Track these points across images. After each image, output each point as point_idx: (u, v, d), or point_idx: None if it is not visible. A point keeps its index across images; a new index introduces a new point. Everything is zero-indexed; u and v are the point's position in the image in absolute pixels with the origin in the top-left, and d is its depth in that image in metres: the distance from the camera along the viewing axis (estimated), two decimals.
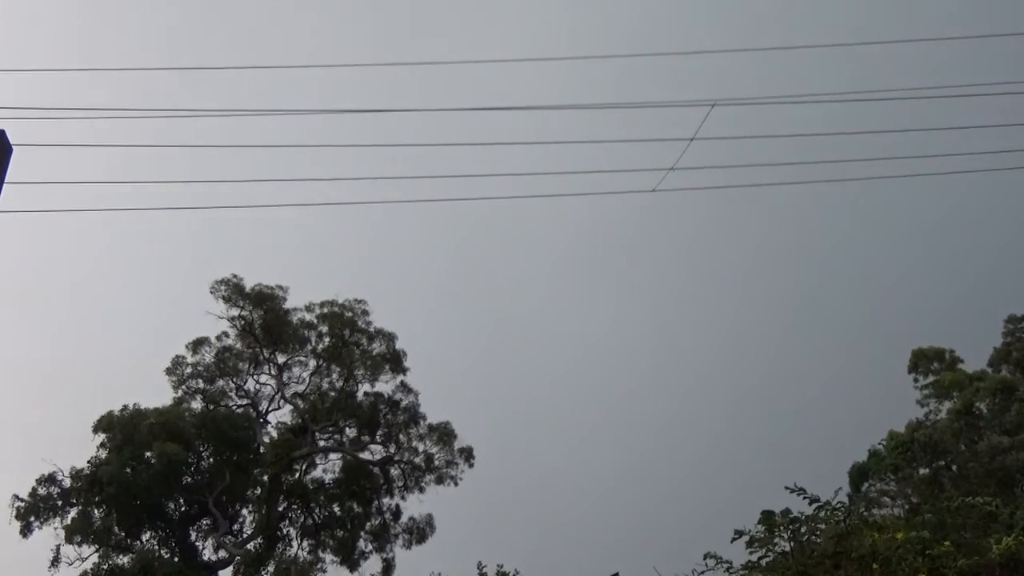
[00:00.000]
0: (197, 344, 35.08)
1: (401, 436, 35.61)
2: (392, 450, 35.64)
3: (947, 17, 59.28)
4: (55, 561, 30.55)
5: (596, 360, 73.42)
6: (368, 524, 35.26)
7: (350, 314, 35.72)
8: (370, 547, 35.01)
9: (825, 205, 73.47)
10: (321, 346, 35.84)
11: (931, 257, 73.77)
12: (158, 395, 34.46)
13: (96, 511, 31.46)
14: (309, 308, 35.86)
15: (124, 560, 31.08)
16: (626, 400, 68.22)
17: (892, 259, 75.67)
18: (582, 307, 76.49)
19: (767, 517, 12.82)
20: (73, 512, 31.40)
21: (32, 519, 30.86)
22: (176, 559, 31.83)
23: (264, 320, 34.98)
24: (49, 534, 31.04)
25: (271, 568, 32.15)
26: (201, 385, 35.21)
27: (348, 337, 35.58)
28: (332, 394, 35.86)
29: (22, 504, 30.95)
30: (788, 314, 74.44)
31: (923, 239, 74.12)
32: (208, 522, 33.82)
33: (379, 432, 35.68)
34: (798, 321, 74.07)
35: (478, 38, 73.83)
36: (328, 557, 34.63)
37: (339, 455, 35.89)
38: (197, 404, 35.01)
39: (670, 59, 15.85)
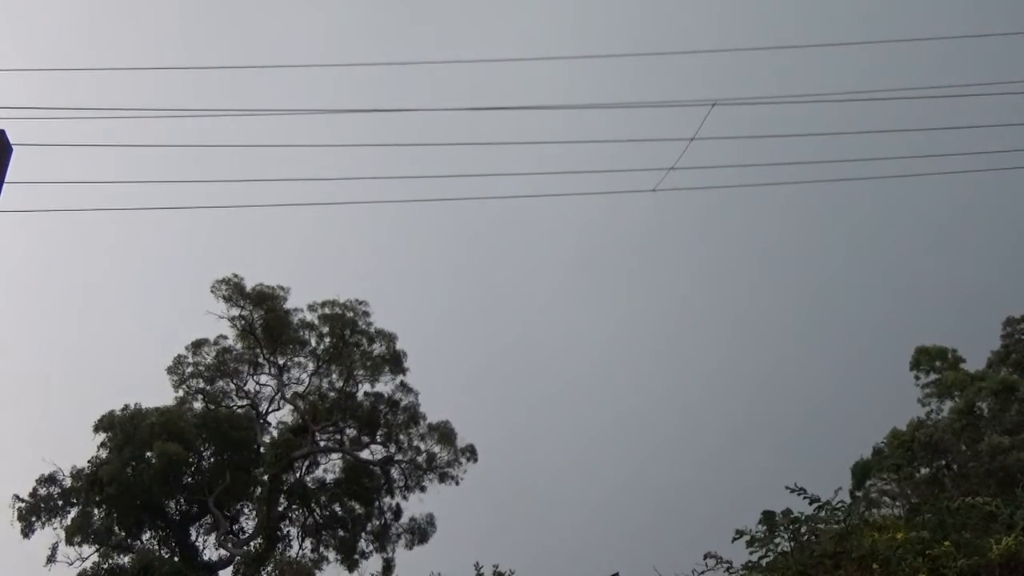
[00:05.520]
0: (197, 345, 35.09)
1: (401, 436, 35.65)
2: (392, 450, 35.68)
3: (948, 17, 59.27)
4: (51, 558, 30.56)
5: (602, 361, 73.43)
6: (369, 524, 35.31)
7: (351, 314, 35.72)
8: (371, 547, 35.09)
9: (828, 205, 73.46)
10: (321, 346, 35.84)
11: (934, 257, 73.76)
12: (159, 395, 34.54)
13: (96, 511, 31.48)
14: (310, 308, 35.90)
15: (124, 560, 31.10)
16: (632, 401, 68.29)
17: (895, 259, 75.69)
18: (588, 308, 76.52)
19: (767, 517, 12.82)
20: (73, 512, 31.42)
21: (33, 519, 30.88)
22: (176, 559, 31.85)
23: (264, 320, 34.98)
24: (50, 534, 31.11)
25: (271, 568, 32.14)
26: (201, 385, 35.25)
27: (348, 337, 35.58)
28: (332, 394, 35.87)
29: (23, 504, 30.97)
30: (793, 314, 74.49)
31: (926, 239, 74.16)
32: (209, 522, 33.84)
33: (379, 432, 35.71)
34: (802, 321, 74.10)
35: (479, 38, 73.83)
36: (331, 555, 34.73)
37: (339, 455, 35.93)
38: (198, 404, 35.05)
39: (670, 59, 15.84)
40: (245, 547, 32.86)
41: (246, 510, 35.10)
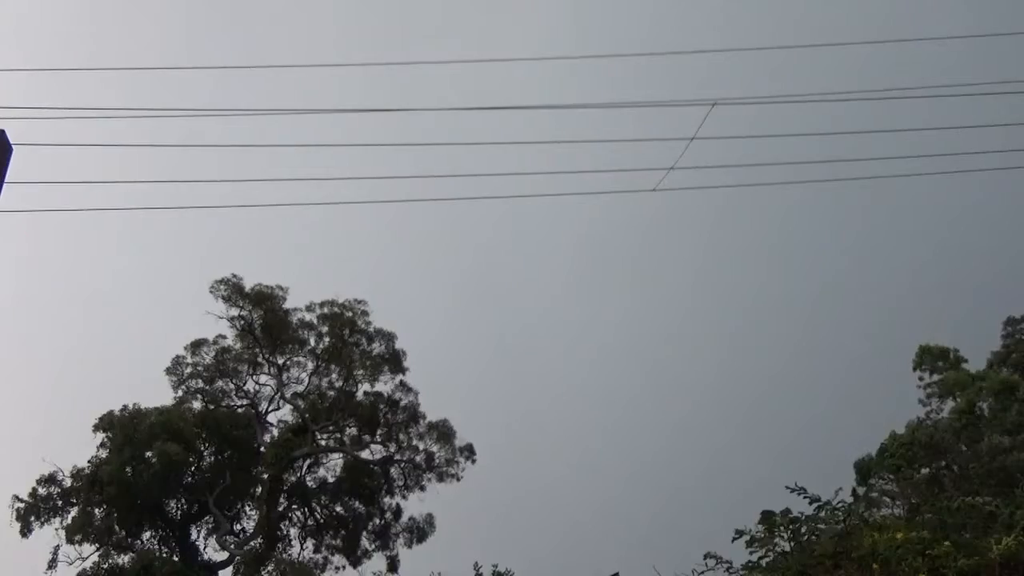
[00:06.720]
0: (196, 345, 35.08)
1: (401, 435, 35.66)
2: (392, 449, 35.69)
3: (948, 16, 59.28)
4: (53, 562, 30.59)
5: (603, 361, 73.41)
6: (370, 523, 35.35)
7: (350, 314, 35.73)
8: (373, 546, 35.14)
9: (829, 206, 73.50)
10: (321, 346, 35.85)
11: (934, 257, 73.74)
12: (159, 395, 34.53)
13: (96, 511, 31.49)
14: (309, 308, 35.90)
15: (124, 560, 31.12)
16: (634, 401, 68.26)
17: (896, 259, 75.70)
18: (589, 308, 76.47)
19: (767, 517, 12.81)
20: (73, 512, 31.44)
21: (32, 519, 30.90)
22: (176, 558, 31.86)
23: (263, 320, 34.99)
24: (49, 534, 31.13)
25: (271, 568, 32.16)
26: (201, 385, 35.24)
27: (348, 337, 35.59)
28: (332, 394, 35.89)
29: (22, 504, 30.99)
30: (793, 315, 74.47)
31: (926, 239, 74.15)
32: (209, 522, 33.85)
33: (379, 431, 35.72)
34: (803, 322, 74.08)
35: (480, 38, 73.82)
36: (336, 559, 34.83)
37: (340, 454, 35.95)
38: (197, 404, 35.05)
39: (670, 59, 15.84)
40: (245, 547, 32.87)
41: (247, 510, 35.14)
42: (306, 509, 35.43)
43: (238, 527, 34.74)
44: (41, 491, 31.48)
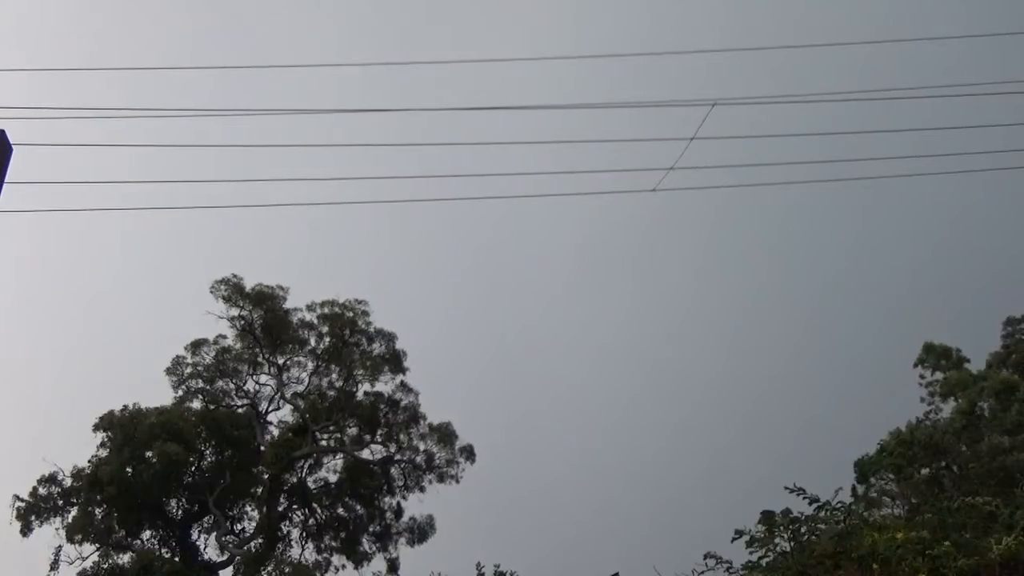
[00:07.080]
0: (196, 345, 35.05)
1: (401, 436, 35.64)
2: (392, 450, 35.68)
3: (948, 16, 59.28)
4: (55, 564, 30.60)
5: (603, 363, 73.39)
6: (371, 525, 35.33)
7: (350, 314, 35.71)
8: (373, 547, 35.13)
9: (829, 206, 73.51)
10: (321, 346, 35.83)
11: (936, 257, 73.73)
12: (159, 395, 34.51)
13: (96, 510, 31.50)
14: (310, 308, 35.88)
15: (124, 559, 31.12)
16: (634, 401, 68.24)
17: (896, 259, 75.68)
18: (589, 310, 76.46)
19: (767, 517, 12.82)
20: (74, 512, 31.45)
21: (32, 519, 30.91)
22: (176, 558, 31.86)
23: (264, 320, 34.97)
24: (50, 533, 31.15)
25: (271, 568, 32.14)
26: (201, 385, 35.22)
27: (348, 337, 35.57)
28: (332, 394, 35.87)
29: (22, 504, 31.01)
30: (794, 314, 74.46)
31: (928, 239, 74.12)
32: (209, 522, 33.85)
33: (379, 432, 35.69)
34: (804, 322, 74.04)
35: (480, 38, 73.82)
36: (336, 560, 34.81)
37: (340, 455, 35.94)
38: (197, 404, 35.04)
39: (670, 59, 15.85)
40: (245, 547, 32.86)
41: (247, 510, 35.13)
42: (306, 510, 35.41)
43: (238, 527, 34.76)
44: (41, 491, 31.48)
